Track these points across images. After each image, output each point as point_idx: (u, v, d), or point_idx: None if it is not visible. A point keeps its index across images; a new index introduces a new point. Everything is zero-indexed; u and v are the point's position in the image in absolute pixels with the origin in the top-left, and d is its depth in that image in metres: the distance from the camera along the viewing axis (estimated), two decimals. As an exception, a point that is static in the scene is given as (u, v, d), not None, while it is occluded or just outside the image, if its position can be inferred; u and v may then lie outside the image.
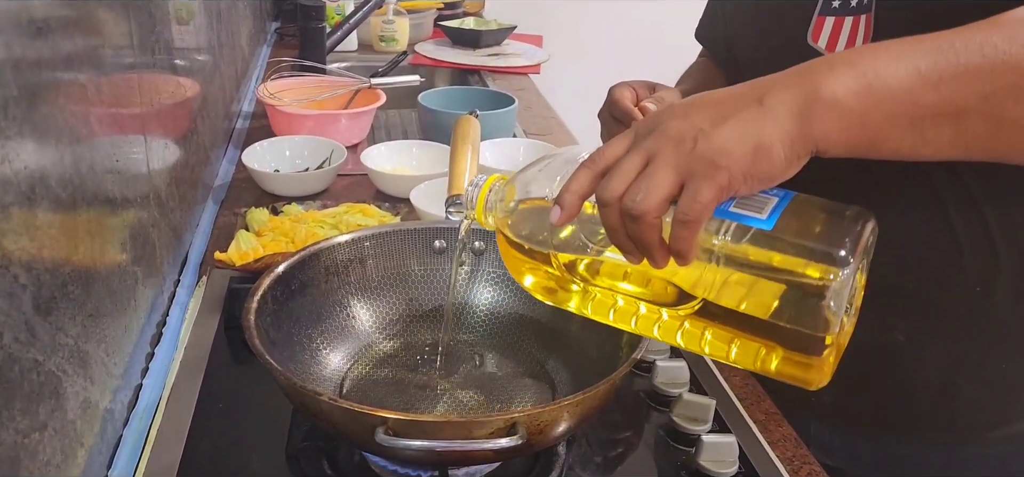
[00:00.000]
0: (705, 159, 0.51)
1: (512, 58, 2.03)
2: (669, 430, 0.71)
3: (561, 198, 0.55)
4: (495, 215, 0.63)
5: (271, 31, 2.31)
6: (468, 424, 0.54)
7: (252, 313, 0.64)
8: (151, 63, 0.86)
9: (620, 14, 3.03)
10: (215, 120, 1.28)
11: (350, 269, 0.77)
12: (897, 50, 0.55)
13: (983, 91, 0.54)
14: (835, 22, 0.77)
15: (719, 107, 0.54)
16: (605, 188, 0.53)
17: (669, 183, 0.52)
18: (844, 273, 0.50)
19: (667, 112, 0.55)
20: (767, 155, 0.52)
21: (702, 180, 0.51)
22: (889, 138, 0.55)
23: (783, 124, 0.53)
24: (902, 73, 0.54)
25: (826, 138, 0.53)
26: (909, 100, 0.54)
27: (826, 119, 0.53)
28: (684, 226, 0.51)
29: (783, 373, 0.55)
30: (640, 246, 0.54)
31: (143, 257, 0.79)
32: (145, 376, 0.77)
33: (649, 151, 0.54)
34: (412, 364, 0.75)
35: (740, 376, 0.82)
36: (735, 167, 0.51)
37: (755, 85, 0.55)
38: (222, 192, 1.20)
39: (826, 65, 0.55)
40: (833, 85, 0.53)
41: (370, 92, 1.49)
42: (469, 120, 0.91)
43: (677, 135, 0.53)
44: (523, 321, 0.79)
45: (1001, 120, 0.55)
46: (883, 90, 0.53)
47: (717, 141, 0.52)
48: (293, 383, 0.56)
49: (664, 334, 0.59)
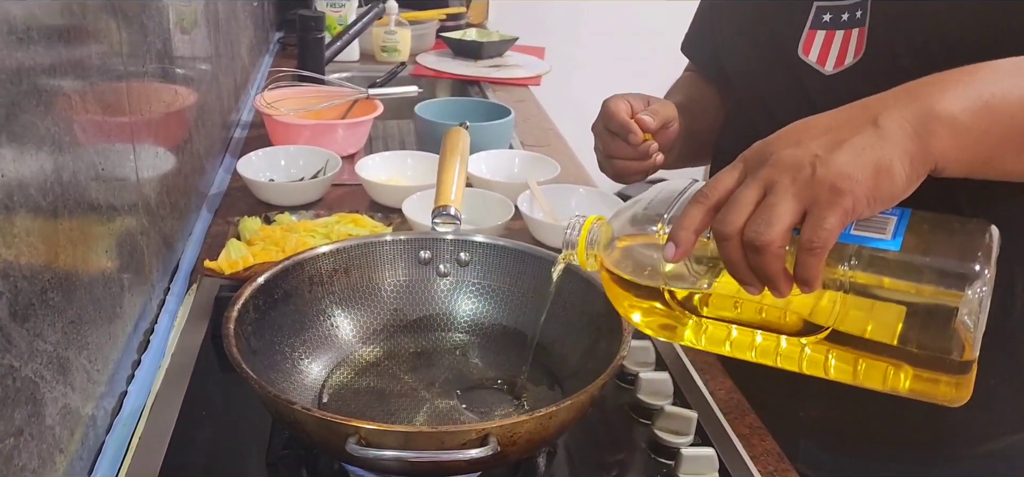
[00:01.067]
0: (827, 184, 0.51)
1: (513, 69, 2.04)
2: (651, 442, 0.71)
3: (676, 234, 0.55)
4: (597, 254, 0.63)
5: (274, 41, 2.32)
6: (440, 434, 0.54)
7: (232, 322, 0.64)
8: (142, 72, 0.87)
9: (622, 27, 3.04)
10: (212, 129, 1.29)
11: (334, 279, 0.77)
12: (1011, 69, 0.56)
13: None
14: (826, 35, 0.78)
15: (832, 133, 0.53)
16: (724, 222, 0.53)
17: (792, 212, 0.51)
18: (980, 287, 0.50)
19: (777, 141, 0.55)
20: (888, 176, 0.52)
21: (826, 207, 0.51)
22: (1004, 157, 0.56)
23: (901, 144, 0.52)
24: (1017, 93, 0.54)
25: (944, 156, 0.53)
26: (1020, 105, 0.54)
27: (944, 137, 0.53)
28: (811, 253, 0.51)
29: (917, 391, 0.55)
30: (763, 277, 0.53)
31: (130, 265, 0.80)
32: (131, 383, 0.77)
33: (766, 181, 0.53)
34: (395, 373, 0.75)
35: (725, 389, 0.82)
36: (858, 190, 0.51)
37: (865, 106, 0.55)
38: (217, 201, 1.21)
39: (938, 82, 0.55)
40: (949, 103, 0.53)
41: (368, 102, 1.49)
42: (458, 131, 0.91)
43: (794, 163, 0.52)
44: (506, 332, 0.79)
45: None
46: (1001, 108, 0.54)
47: (837, 165, 0.51)
48: (268, 392, 0.57)
49: (785, 362, 0.59)
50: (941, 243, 0.52)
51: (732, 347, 0.61)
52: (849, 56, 0.76)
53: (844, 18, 0.76)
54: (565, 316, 0.77)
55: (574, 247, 0.64)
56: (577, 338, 0.75)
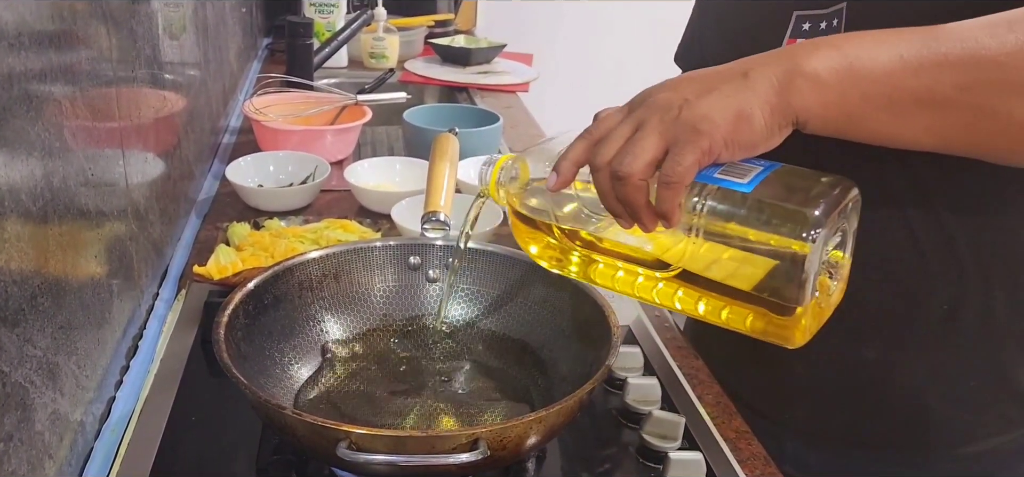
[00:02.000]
0: (688, 125, 0.55)
1: (501, 76, 2.05)
2: (639, 447, 0.72)
3: (558, 165, 0.61)
4: (506, 190, 0.68)
5: (262, 47, 2.32)
6: (430, 439, 0.54)
7: (222, 327, 0.64)
8: (131, 78, 0.87)
9: (610, 34, 3.05)
10: (201, 135, 1.29)
11: (324, 284, 0.77)
12: (882, 37, 0.58)
13: (963, 82, 0.56)
14: None
15: (705, 80, 0.58)
16: (597, 153, 0.58)
17: (654, 147, 0.56)
18: (816, 233, 0.53)
19: (658, 86, 0.60)
20: (748, 122, 0.55)
21: (685, 145, 0.55)
22: (867, 118, 0.58)
23: (764, 94, 0.56)
24: (884, 57, 0.56)
25: (806, 110, 0.56)
26: (889, 82, 0.56)
27: (805, 92, 0.56)
28: (667, 187, 0.55)
29: (758, 330, 0.58)
30: (628, 208, 0.58)
31: (119, 270, 0.80)
32: (119, 389, 0.77)
33: (638, 120, 0.58)
34: (385, 378, 0.75)
35: (712, 394, 0.82)
36: (716, 133, 0.55)
37: (741, 61, 0.59)
38: (206, 206, 1.21)
39: (811, 45, 0.58)
40: (815, 62, 0.56)
41: (356, 109, 1.50)
42: (448, 137, 0.92)
43: (664, 104, 0.57)
44: (495, 337, 0.80)
45: (979, 112, 0.57)
46: (863, 70, 0.56)
47: (700, 109, 0.55)
48: (258, 397, 0.57)
49: (663, 298, 0.63)
50: (790, 193, 0.55)
51: (617, 283, 0.66)
52: None
53: (822, 27, 0.77)
54: (555, 322, 0.77)
55: (487, 183, 0.69)
56: (566, 344, 0.75)
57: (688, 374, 0.84)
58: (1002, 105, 0.56)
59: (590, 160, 0.59)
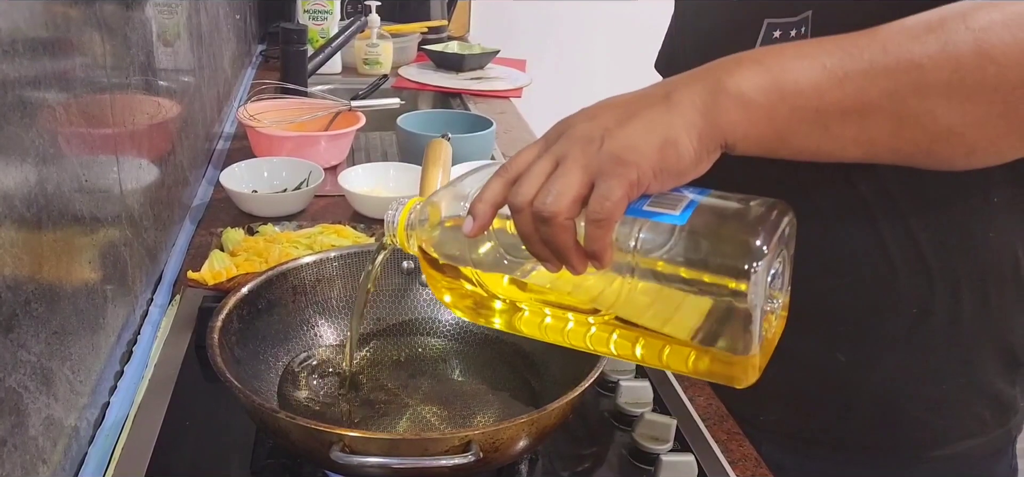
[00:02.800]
0: (613, 157, 0.51)
1: (494, 82, 2.05)
2: (631, 449, 0.72)
3: (474, 208, 0.55)
4: (416, 236, 0.62)
5: (257, 53, 2.33)
6: (423, 441, 0.55)
7: (216, 332, 0.65)
8: (125, 84, 0.87)
9: (603, 40, 3.06)
10: (195, 141, 1.29)
11: (317, 288, 0.78)
12: (804, 48, 0.56)
13: (887, 88, 0.54)
14: None
15: (626, 106, 0.54)
16: (516, 193, 0.53)
17: (578, 183, 0.52)
18: (759, 264, 0.48)
19: (575, 116, 0.56)
20: (675, 149, 0.52)
21: (611, 178, 0.51)
22: (795, 134, 0.55)
23: (689, 118, 0.53)
24: (808, 69, 0.54)
25: (734, 131, 0.54)
26: (815, 95, 0.54)
27: (732, 112, 0.53)
28: (597, 225, 0.51)
29: (710, 372, 0.53)
30: (555, 251, 0.53)
31: (114, 276, 0.80)
32: (113, 394, 0.78)
33: (558, 154, 0.53)
34: (378, 381, 0.75)
35: (703, 396, 0.83)
36: (644, 163, 0.51)
37: (662, 84, 0.56)
38: (200, 212, 1.21)
39: (733, 62, 0.55)
40: (739, 80, 0.54)
41: (350, 114, 1.50)
42: (440, 143, 0.92)
43: (585, 135, 0.53)
44: (488, 340, 0.80)
45: (903, 117, 0.56)
46: (789, 84, 0.54)
47: (624, 138, 0.52)
48: (252, 400, 0.57)
49: (596, 344, 0.58)
50: (727, 221, 0.51)
51: (547, 331, 0.60)
52: None
53: (792, 34, 0.78)
54: (546, 325, 0.78)
55: (395, 230, 0.63)
56: (559, 347, 0.75)
57: (680, 377, 0.85)
58: (924, 108, 0.55)
59: (509, 200, 0.54)
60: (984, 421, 0.82)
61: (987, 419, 0.82)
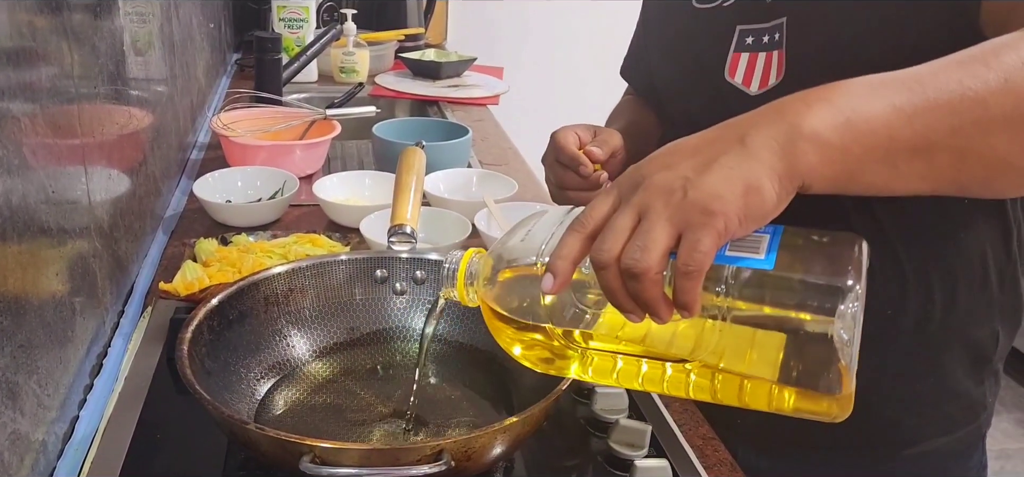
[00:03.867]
0: (699, 206, 0.50)
1: (471, 89, 2.05)
2: (607, 456, 0.72)
3: (553, 266, 0.53)
4: (477, 289, 0.61)
5: (231, 62, 2.31)
6: (394, 451, 0.54)
7: (186, 343, 0.64)
8: (94, 94, 0.86)
9: (582, 48, 3.07)
10: (168, 151, 1.28)
11: (290, 299, 0.77)
12: (871, 87, 0.57)
13: (953, 125, 0.56)
14: (750, 58, 0.80)
15: (700, 153, 0.53)
16: (600, 250, 0.52)
17: (666, 236, 0.51)
18: (852, 302, 0.49)
19: (649, 165, 0.55)
20: (759, 195, 0.51)
21: (699, 229, 0.50)
22: (866, 172, 0.56)
23: (769, 162, 0.52)
24: (879, 108, 0.55)
25: (811, 173, 0.54)
26: (886, 135, 0.55)
27: (810, 155, 0.53)
28: (687, 277, 0.50)
29: (801, 409, 0.54)
30: (642, 304, 0.52)
31: (82, 288, 0.79)
32: (82, 408, 0.77)
33: (640, 206, 0.52)
34: (351, 390, 0.75)
35: (678, 402, 0.83)
36: (730, 211, 0.50)
37: (732, 126, 0.55)
38: (173, 222, 1.20)
39: (803, 102, 0.55)
40: (813, 120, 0.54)
41: (326, 123, 1.50)
42: (414, 151, 0.92)
43: (665, 186, 0.52)
44: (462, 348, 0.80)
45: (966, 153, 0.57)
46: (862, 124, 0.54)
47: (707, 187, 0.51)
48: (221, 412, 0.57)
49: (672, 388, 0.57)
50: (812, 260, 0.52)
51: (619, 377, 0.59)
52: (772, 77, 0.78)
53: (765, 41, 0.79)
54: (521, 332, 0.77)
55: (453, 284, 0.62)
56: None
57: (655, 382, 0.85)
58: (986, 142, 0.56)
59: (593, 257, 0.53)
60: (954, 419, 0.84)
61: (957, 417, 0.84)
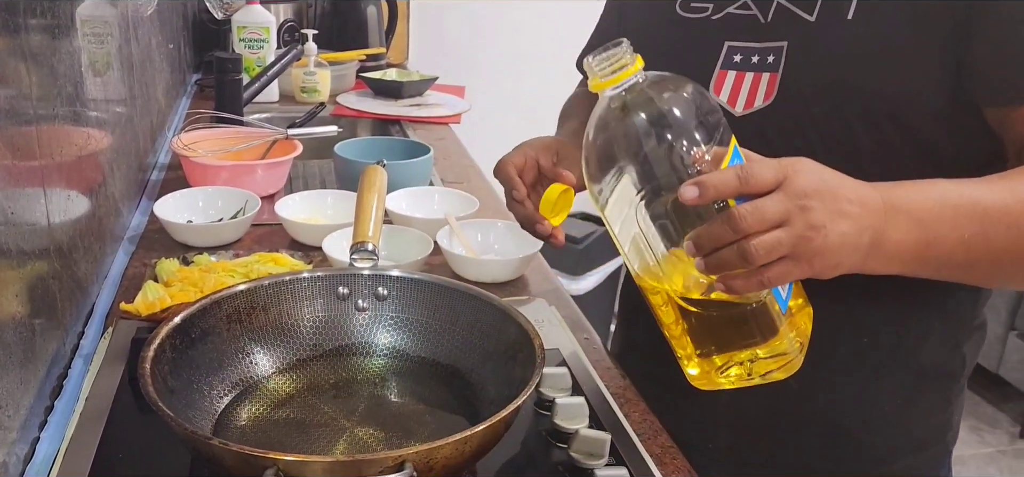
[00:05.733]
0: (811, 254, 0.62)
1: (433, 108, 2.07)
2: (568, 466, 0.74)
3: (704, 184, 0.61)
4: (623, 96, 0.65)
5: (191, 82, 2.30)
6: (357, 463, 0.55)
7: (148, 362, 0.64)
8: (52, 115, 0.86)
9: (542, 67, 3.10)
10: (128, 172, 1.27)
11: (252, 316, 0.78)
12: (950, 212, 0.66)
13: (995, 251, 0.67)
14: (736, 77, 0.81)
15: (849, 219, 0.63)
16: (742, 216, 0.60)
17: (781, 253, 0.61)
18: None
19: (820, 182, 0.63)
20: (837, 268, 0.64)
21: (798, 265, 0.62)
22: (919, 273, 0.69)
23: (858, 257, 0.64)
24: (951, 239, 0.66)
25: (875, 270, 0.66)
26: (947, 257, 0.66)
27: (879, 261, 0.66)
28: (760, 284, 0.62)
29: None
30: (720, 264, 0.62)
31: (42, 309, 0.79)
32: (43, 429, 0.76)
33: (788, 214, 0.61)
34: (315, 405, 0.76)
35: (638, 412, 0.85)
36: (822, 270, 0.63)
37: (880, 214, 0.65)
38: (133, 243, 1.20)
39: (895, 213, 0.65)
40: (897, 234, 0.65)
41: (287, 143, 1.50)
42: (375, 169, 0.93)
43: (813, 223, 0.61)
44: (424, 362, 0.81)
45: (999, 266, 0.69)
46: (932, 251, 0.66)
47: (826, 247, 0.62)
48: (185, 428, 0.57)
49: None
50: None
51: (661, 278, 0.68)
52: (759, 99, 0.79)
53: (754, 60, 0.79)
54: (482, 347, 0.79)
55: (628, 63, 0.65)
56: (494, 367, 0.77)
57: (615, 393, 0.87)
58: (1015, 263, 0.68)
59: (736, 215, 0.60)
60: (923, 439, 0.86)
61: (925, 437, 0.86)
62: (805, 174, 0.62)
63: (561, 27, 3.03)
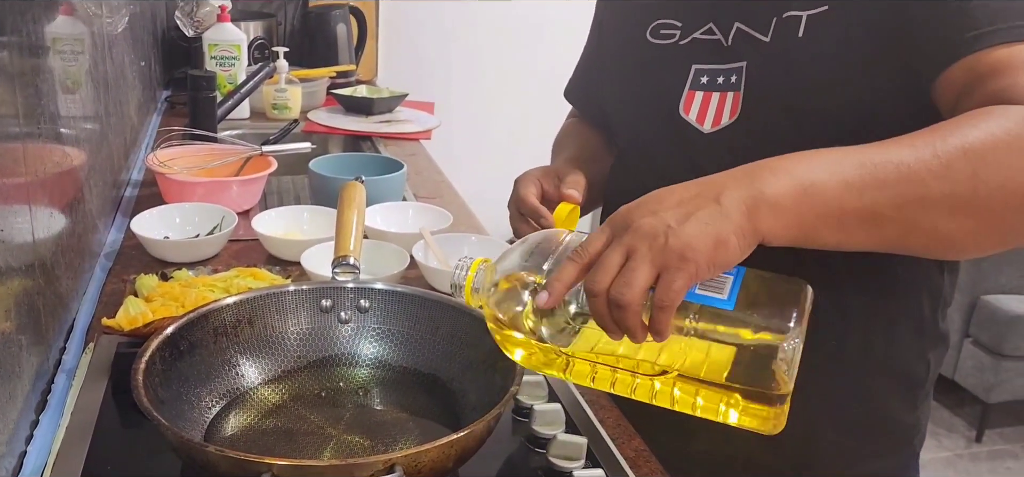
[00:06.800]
0: (676, 253, 0.61)
1: (404, 124, 2.09)
2: (546, 470, 0.76)
3: (551, 286, 0.65)
4: (482, 298, 0.71)
5: (161, 100, 2.30)
6: (349, 467, 0.58)
7: (140, 373, 0.66)
8: (37, 133, 0.87)
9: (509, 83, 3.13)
10: (103, 188, 1.28)
11: (238, 329, 0.80)
12: (828, 159, 0.66)
13: (896, 202, 0.65)
14: (704, 96, 0.85)
15: (683, 206, 0.63)
16: (594, 281, 0.62)
17: (648, 277, 0.61)
18: (794, 337, 0.61)
19: (638, 210, 0.65)
20: (725, 247, 0.62)
21: (675, 271, 0.60)
22: (819, 233, 0.66)
23: (736, 221, 0.62)
24: (832, 181, 0.64)
25: (770, 232, 0.64)
26: (837, 205, 0.64)
27: (769, 218, 0.63)
28: (662, 311, 0.61)
29: (743, 423, 0.64)
30: (623, 328, 0.62)
31: (28, 325, 0.80)
32: (30, 443, 0.77)
33: (628, 247, 0.62)
34: (301, 414, 0.78)
35: (612, 417, 0.88)
36: (701, 259, 0.61)
37: (710, 184, 0.65)
38: (110, 260, 1.21)
39: (769, 170, 0.65)
40: (774, 188, 0.64)
41: (262, 159, 1.51)
42: (355, 185, 0.96)
43: (651, 232, 0.62)
44: (407, 372, 0.84)
45: (911, 226, 0.66)
46: (815, 194, 0.64)
47: (684, 237, 0.61)
48: (181, 437, 0.59)
49: (640, 394, 0.68)
50: (766, 301, 0.63)
51: (595, 381, 0.70)
52: (725, 117, 0.83)
53: (720, 81, 0.84)
54: (463, 356, 0.81)
55: (461, 289, 0.72)
56: (474, 375, 0.80)
57: (590, 400, 0.90)
58: (927, 219, 0.65)
59: (587, 286, 0.63)
60: (892, 443, 0.90)
61: (894, 441, 0.90)
62: (624, 207, 0.66)
63: (529, 44, 3.08)
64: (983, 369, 2.78)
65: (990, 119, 0.65)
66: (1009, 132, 0.64)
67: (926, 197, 0.64)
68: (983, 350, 2.79)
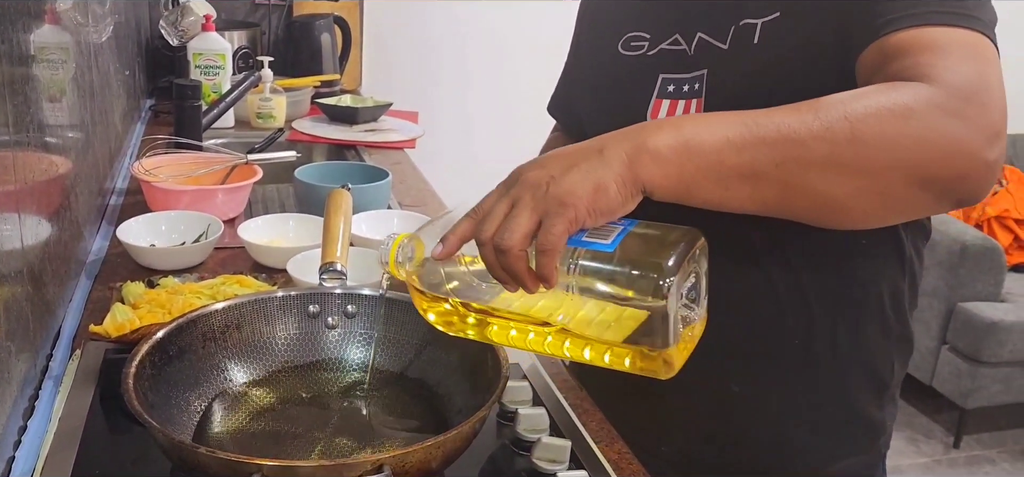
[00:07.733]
0: (556, 199, 0.63)
1: (388, 133, 2.10)
2: (530, 472, 0.78)
3: (445, 239, 0.68)
4: (404, 268, 0.73)
5: (145, 108, 2.30)
6: (338, 467, 0.59)
7: (131, 377, 0.67)
8: (25, 141, 0.88)
9: (490, 93, 3.15)
10: (89, 196, 1.29)
11: (227, 334, 0.81)
12: (714, 119, 0.68)
13: (776, 160, 0.66)
14: (670, 104, 0.88)
15: (568, 157, 0.66)
16: (480, 230, 0.66)
17: (529, 221, 0.64)
18: (671, 280, 0.62)
19: (528, 165, 0.68)
20: (605, 193, 0.64)
21: (555, 216, 0.63)
22: (700, 188, 0.68)
23: (616, 169, 0.65)
24: (713, 137, 0.66)
25: (651, 181, 0.66)
26: (716, 159, 0.66)
27: (649, 166, 0.65)
28: (543, 254, 0.63)
29: (641, 368, 0.66)
30: (512, 275, 0.65)
31: (16, 332, 0.81)
32: (18, 449, 0.78)
33: (513, 197, 0.66)
34: (290, 417, 0.79)
35: (595, 421, 0.89)
36: (580, 204, 0.63)
37: (598, 139, 0.68)
38: (96, 267, 1.21)
39: (655, 125, 0.68)
40: (657, 140, 0.66)
41: (247, 168, 1.52)
42: (341, 193, 0.97)
43: (534, 182, 0.65)
44: (393, 376, 0.85)
45: (789, 186, 0.67)
46: (696, 147, 0.66)
47: (565, 184, 0.64)
48: (172, 438, 0.60)
49: (553, 349, 0.71)
50: (649, 247, 0.65)
51: (513, 339, 0.73)
52: None
53: (684, 89, 0.86)
54: (449, 361, 0.83)
55: (387, 262, 0.74)
56: (460, 379, 0.81)
57: (573, 404, 0.91)
58: (806, 179, 0.67)
59: (475, 236, 0.66)
60: (859, 442, 0.92)
61: (861, 440, 0.92)
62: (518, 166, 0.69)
63: (513, 55, 3.10)
64: (960, 375, 2.82)
65: (878, 92, 0.68)
66: (893, 100, 0.66)
67: (805, 157, 0.66)
68: (960, 357, 2.83)
